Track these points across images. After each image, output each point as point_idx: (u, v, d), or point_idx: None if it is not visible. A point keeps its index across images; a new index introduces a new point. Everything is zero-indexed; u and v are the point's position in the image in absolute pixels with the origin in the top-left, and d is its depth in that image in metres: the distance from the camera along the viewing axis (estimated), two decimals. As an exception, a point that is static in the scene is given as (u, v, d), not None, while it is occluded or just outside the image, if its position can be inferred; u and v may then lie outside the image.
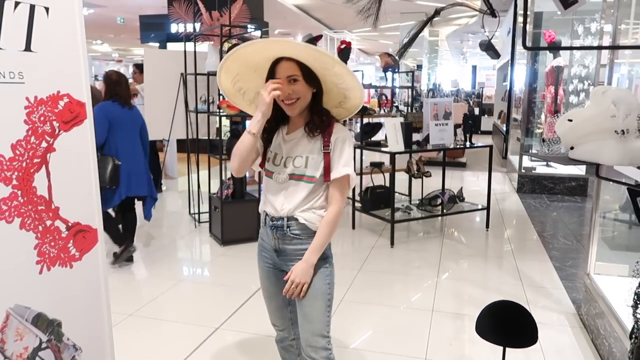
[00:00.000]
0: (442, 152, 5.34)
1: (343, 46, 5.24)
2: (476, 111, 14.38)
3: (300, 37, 8.54)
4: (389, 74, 5.90)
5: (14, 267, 1.43)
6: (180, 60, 5.20)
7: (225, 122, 5.30)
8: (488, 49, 5.27)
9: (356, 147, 5.17)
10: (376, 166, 5.56)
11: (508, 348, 2.06)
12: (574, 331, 2.96)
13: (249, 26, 5.33)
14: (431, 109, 4.57)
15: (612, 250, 3.26)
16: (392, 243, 4.51)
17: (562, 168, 6.69)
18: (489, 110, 14.74)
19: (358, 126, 6.71)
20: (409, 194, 5.71)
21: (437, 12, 3.83)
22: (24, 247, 1.46)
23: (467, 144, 5.01)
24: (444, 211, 4.96)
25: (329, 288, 1.79)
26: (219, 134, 4.77)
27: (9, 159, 1.40)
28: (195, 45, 5.03)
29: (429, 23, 4.17)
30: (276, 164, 1.76)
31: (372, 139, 5.72)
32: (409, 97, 8.78)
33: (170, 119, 5.33)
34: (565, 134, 1.75)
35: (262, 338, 2.79)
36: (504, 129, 9.34)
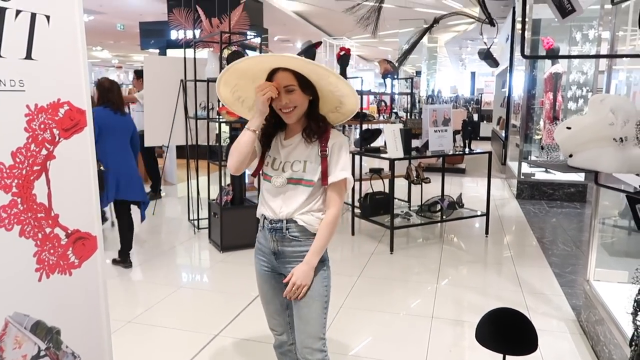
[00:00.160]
0: (441, 158, 5.36)
1: (342, 53, 5.26)
2: (475, 117, 14.39)
3: (299, 44, 8.56)
4: (388, 80, 5.92)
5: (13, 274, 1.43)
6: (180, 67, 5.23)
7: (225, 128, 5.31)
8: (487, 57, 5.30)
9: (355, 154, 5.18)
10: (375, 172, 5.56)
11: (508, 356, 2.06)
12: (574, 338, 2.95)
13: (248, 33, 5.36)
14: (430, 115, 4.59)
15: (611, 257, 3.26)
16: (392, 249, 4.51)
17: (561, 174, 6.68)
18: (488, 116, 14.78)
19: (357, 132, 6.71)
20: (409, 200, 5.72)
21: (436, 21, 3.84)
22: (23, 255, 1.46)
23: (466, 150, 5.02)
24: (444, 217, 4.96)
25: (326, 290, 1.81)
26: (218, 140, 4.77)
27: (9, 166, 1.40)
28: (195, 52, 5.05)
29: (428, 31, 4.18)
30: (275, 168, 1.80)
31: (372, 145, 5.73)
32: (408, 104, 8.80)
33: (169, 125, 5.35)
34: (564, 141, 1.76)
35: (262, 345, 2.78)
36: (503, 135, 9.36)
